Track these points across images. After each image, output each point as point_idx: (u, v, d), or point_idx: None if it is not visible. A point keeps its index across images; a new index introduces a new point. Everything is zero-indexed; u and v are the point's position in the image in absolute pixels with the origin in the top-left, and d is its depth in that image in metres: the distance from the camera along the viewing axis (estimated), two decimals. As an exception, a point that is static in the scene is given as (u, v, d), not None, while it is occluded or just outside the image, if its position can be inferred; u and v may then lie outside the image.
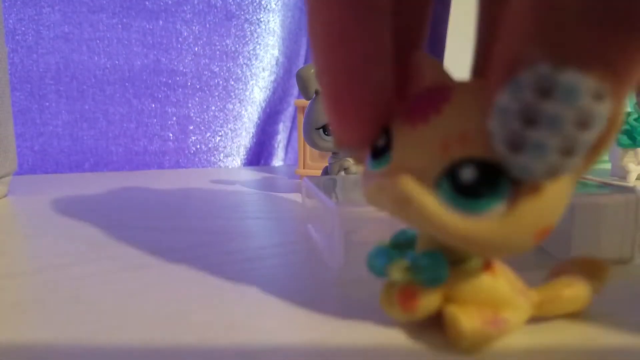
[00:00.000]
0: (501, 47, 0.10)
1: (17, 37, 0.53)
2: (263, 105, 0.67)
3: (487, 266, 0.13)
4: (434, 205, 0.11)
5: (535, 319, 0.14)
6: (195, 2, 0.60)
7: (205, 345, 0.14)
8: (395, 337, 0.14)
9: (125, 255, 0.23)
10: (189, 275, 0.20)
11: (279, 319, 0.16)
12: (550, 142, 0.10)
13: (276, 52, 0.66)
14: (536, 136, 0.10)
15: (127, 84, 0.58)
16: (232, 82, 0.64)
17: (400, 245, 0.15)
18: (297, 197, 0.39)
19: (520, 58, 0.10)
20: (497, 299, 0.13)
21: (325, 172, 0.36)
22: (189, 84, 0.61)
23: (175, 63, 0.60)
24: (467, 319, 0.13)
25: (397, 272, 0.13)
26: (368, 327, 0.15)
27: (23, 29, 0.53)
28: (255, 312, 0.16)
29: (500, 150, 0.10)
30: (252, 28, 0.64)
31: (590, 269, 0.15)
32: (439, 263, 0.13)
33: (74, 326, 0.15)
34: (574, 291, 0.15)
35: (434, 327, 0.14)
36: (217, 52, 0.62)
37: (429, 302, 0.13)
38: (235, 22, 0.62)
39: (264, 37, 0.64)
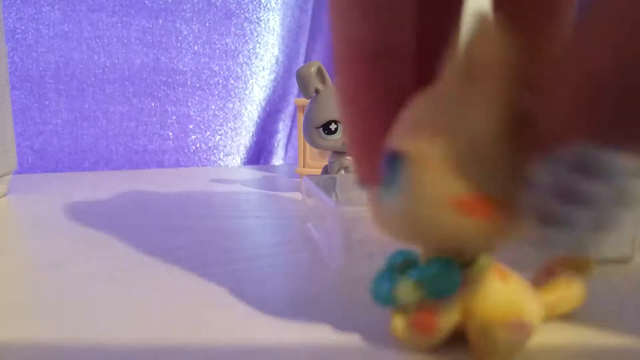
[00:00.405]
0: (542, 120, 0.10)
1: (17, 36, 0.53)
2: (263, 104, 0.67)
3: (498, 273, 0.13)
4: (372, 208, 0.13)
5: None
6: (195, 0, 0.60)
7: (204, 344, 0.14)
8: (394, 336, 0.14)
9: (125, 254, 0.23)
10: (189, 274, 0.20)
11: (278, 318, 0.16)
12: (584, 220, 0.09)
13: (276, 51, 0.66)
14: (571, 214, 0.09)
15: (126, 82, 0.58)
16: (232, 81, 0.64)
17: (400, 268, 0.14)
18: (297, 196, 0.39)
19: (561, 134, 0.09)
20: (515, 306, 0.13)
21: (325, 171, 0.36)
22: (189, 82, 0.61)
23: (175, 62, 0.60)
24: (499, 331, 0.12)
25: (406, 292, 0.13)
26: (368, 326, 0.15)
27: (23, 27, 0.53)
28: (255, 311, 0.16)
29: (531, 223, 0.10)
30: (252, 27, 0.63)
31: (576, 266, 0.15)
32: (448, 268, 0.12)
33: (73, 325, 0.15)
34: (576, 290, 0.15)
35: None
36: (217, 51, 0.62)
37: (449, 317, 0.13)
38: (235, 21, 0.62)
39: (263, 35, 0.64)
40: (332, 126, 0.32)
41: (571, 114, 0.09)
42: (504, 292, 0.13)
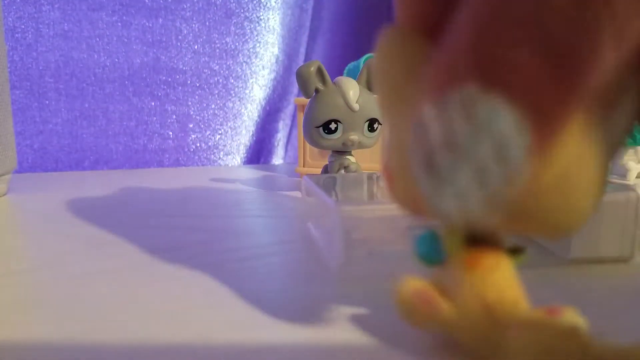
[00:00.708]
0: (435, 62, 0.10)
1: (16, 35, 0.53)
2: (263, 103, 0.67)
3: (469, 260, 0.12)
4: None
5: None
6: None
7: (204, 343, 0.14)
8: (394, 336, 0.14)
9: (125, 253, 0.23)
10: (189, 274, 0.20)
11: (278, 318, 0.16)
12: (463, 168, 0.09)
13: (276, 50, 0.66)
14: (450, 158, 0.09)
15: (126, 82, 0.58)
16: (232, 80, 0.64)
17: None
18: (297, 195, 0.39)
19: (451, 76, 0.09)
20: (452, 291, 0.12)
21: (325, 170, 0.36)
22: (189, 82, 0.61)
23: (175, 61, 0.60)
24: (405, 287, 0.13)
25: (416, 244, 0.13)
26: (368, 325, 0.15)
27: (23, 26, 0.53)
28: (254, 310, 0.16)
29: (415, 171, 0.10)
30: (252, 26, 0.63)
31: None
32: (425, 239, 0.13)
33: (73, 324, 0.15)
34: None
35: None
36: (217, 50, 0.62)
37: (409, 283, 0.13)
38: (235, 20, 0.62)
39: (263, 35, 0.64)
40: (332, 125, 0.32)
41: (465, 54, 0.09)
42: (453, 277, 0.13)
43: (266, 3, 0.64)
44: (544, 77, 0.08)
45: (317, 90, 0.33)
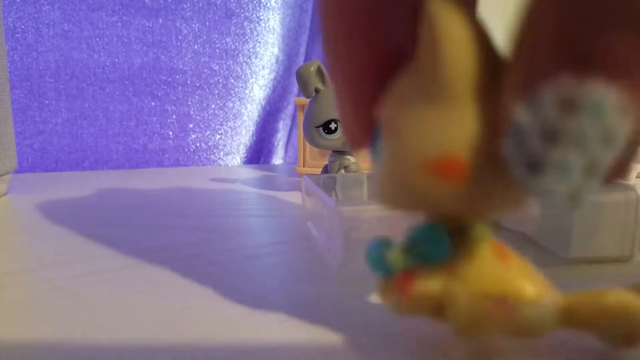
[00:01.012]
0: (518, 59, 0.10)
1: (16, 35, 0.53)
2: (263, 103, 0.67)
3: (497, 251, 0.12)
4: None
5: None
6: (195, 0, 0.60)
7: (204, 343, 0.14)
8: (394, 336, 0.14)
9: (125, 253, 0.23)
10: (189, 273, 0.20)
11: (278, 317, 0.16)
12: (575, 162, 0.09)
13: (276, 50, 0.66)
14: (560, 155, 0.09)
15: (126, 82, 0.58)
16: (232, 80, 0.64)
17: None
18: (297, 195, 0.39)
19: (539, 71, 0.09)
20: (508, 288, 0.12)
21: (325, 170, 0.36)
22: (189, 82, 0.61)
23: (175, 61, 0.60)
24: (465, 295, 0.12)
25: (395, 255, 0.12)
26: (368, 326, 0.15)
27: (23, 26, 0.53)
28: (254, 310, 0.16)
29: (519, 172, 0.10)
30: (252, 26, 0.63)
31: None
32: (435, 232, 0.12)
33: (73, 324, 0.15)
34: (620, 298, 0.12)
35: (435, 325, 0.14)
36: (217, 50, 0.62)
37: (427, 283, 0.12)
38: (235, 20, 0.62)
39: (263, 35, 0.64)
40: (332, 125, 0.32)
41: (550, 46, 0.09)
42: (496, 272, 0.12)
43: (266, 3, 0.64)
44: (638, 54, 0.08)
45: (317, 90, 0.33)
